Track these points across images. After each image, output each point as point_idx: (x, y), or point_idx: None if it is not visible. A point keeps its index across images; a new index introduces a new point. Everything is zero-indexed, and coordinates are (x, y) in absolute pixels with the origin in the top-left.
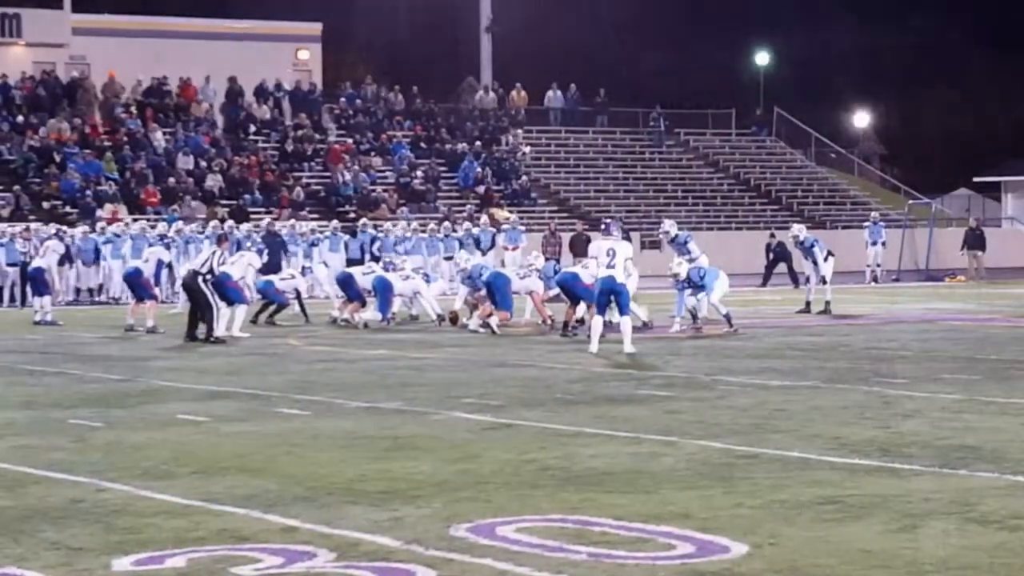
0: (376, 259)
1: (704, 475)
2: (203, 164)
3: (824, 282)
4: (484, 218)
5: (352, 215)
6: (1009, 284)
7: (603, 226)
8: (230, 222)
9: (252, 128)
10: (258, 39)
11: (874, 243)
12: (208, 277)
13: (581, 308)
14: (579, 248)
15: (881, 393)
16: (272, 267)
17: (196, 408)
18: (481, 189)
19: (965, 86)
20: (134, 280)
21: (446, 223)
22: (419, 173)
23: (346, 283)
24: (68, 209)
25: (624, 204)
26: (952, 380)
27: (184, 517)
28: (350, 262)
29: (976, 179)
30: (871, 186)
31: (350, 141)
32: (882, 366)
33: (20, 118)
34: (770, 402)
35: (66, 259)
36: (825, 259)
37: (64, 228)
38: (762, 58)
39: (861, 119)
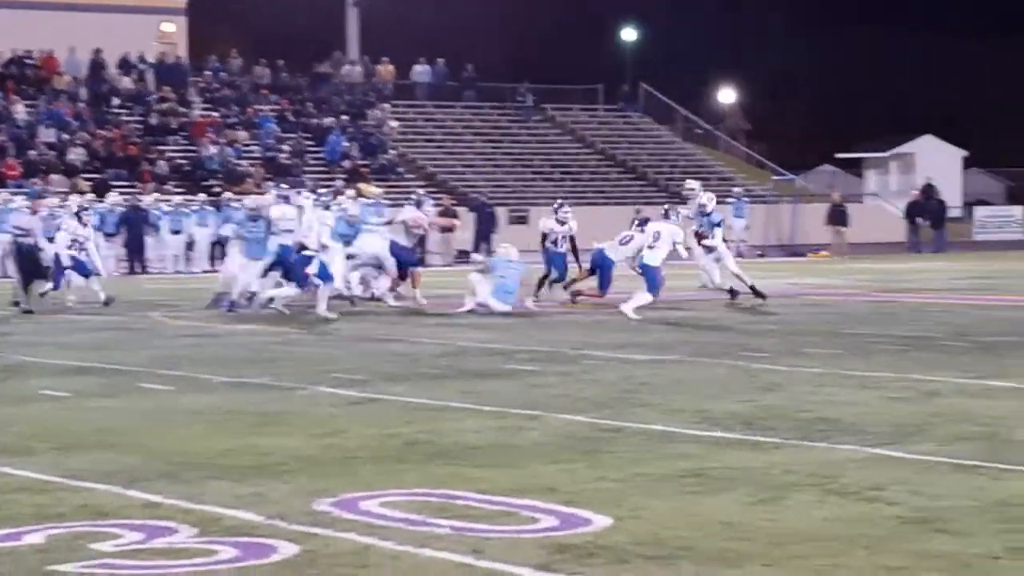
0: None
1: (568, 449)
2: (65, 137)
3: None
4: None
5: (218, 189)
6: (871, 259)
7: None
8: (89, 195)
9: (116, 101)
10: (122, 11)
11: (738, 218)
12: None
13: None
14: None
15: (745, 367)
16: (134, 241)
17: (58, 383)
18: (348, 164)
19: (829, 64)
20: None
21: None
22: (285, 147)
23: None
24: None
25: (491, 179)
26: (814, 354)
27: (44, 493)
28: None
29: (839, 155)
30: (736, 162)
31: (216, 115)
32: (746, 340)
33: None
34: (635, 376)
35: None
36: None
37: None
38: (629, 34)
39: (727, 95)
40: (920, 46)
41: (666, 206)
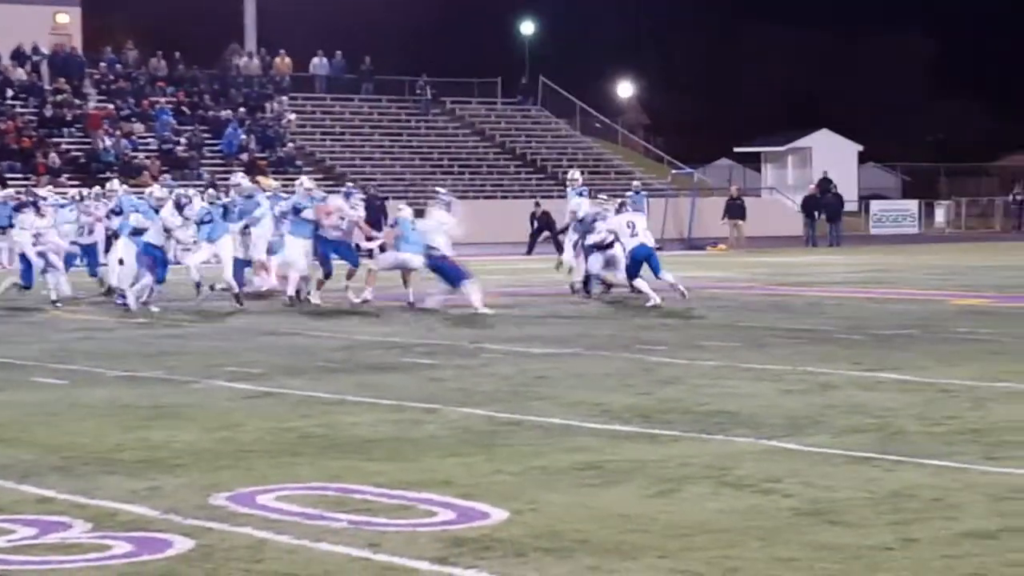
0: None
1: (466, 442)
2: None
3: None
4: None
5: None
6: (768, 252)
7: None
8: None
9: (10, 93)
10: (16, 2)
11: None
12: None
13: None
14: None
15: (642, 360)
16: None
17: None
18: (245, 156)
19: (727, 58)
20: None
21: (210, 191)
22: (183, 140)
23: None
24: None
25: (390, 172)
26: (712, 347)
27: None
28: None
29: (736, 149)
30: (635, 156)
31: (111, 107)
32: (644, 333)
33: None
34: (533, 369)
35: None
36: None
37: None
38: (527, 27)
39: (625, 89)
40: (817, 40)
41: (621, 200)
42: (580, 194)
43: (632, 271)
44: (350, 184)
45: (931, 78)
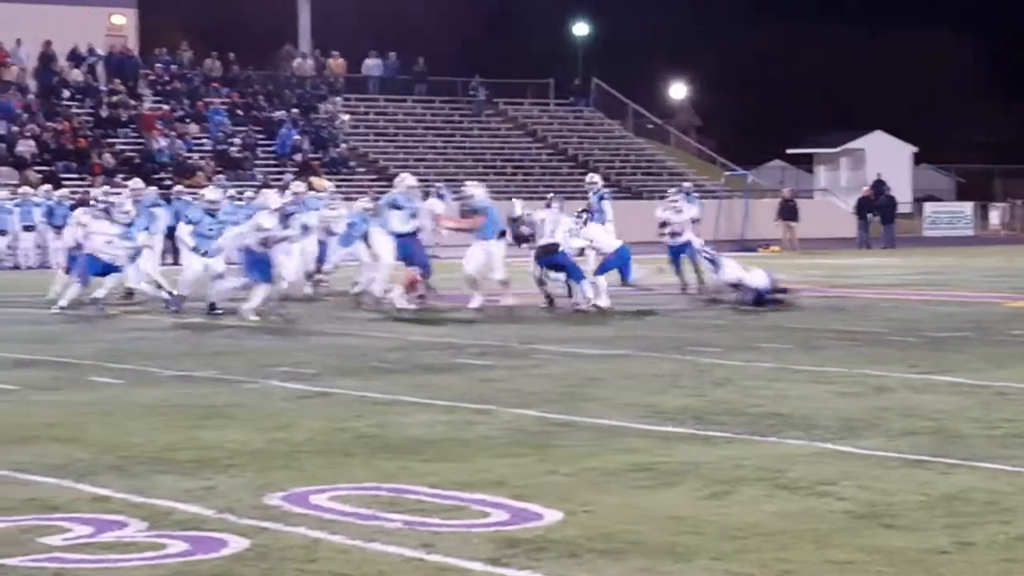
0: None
1: (519, 443)
2: (15, 130)
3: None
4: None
5: (168, 182)
6: (820, 254)
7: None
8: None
9: (66, 93)
10: (72, 3)
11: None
12: None
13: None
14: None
15: (695, 362)
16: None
17: (4, 376)
18: (299, 157)
19: (781, 59)
20: None
21: (264, 190)
22: (236, 140)
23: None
24: None
25: (443, 173)
26: (764, 349)
27: None
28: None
29: (789, 151)
30: (687, 157)
31: (166, 107)
32: (696, 335)
33: None
34: (584, 370)
35: None
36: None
37: None
38: (580, 28)
39: (678, 91)
40: (871, 41)
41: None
42: (602, 198)
43: (608, 268)
44: (439, 184)
45: (986, 78)
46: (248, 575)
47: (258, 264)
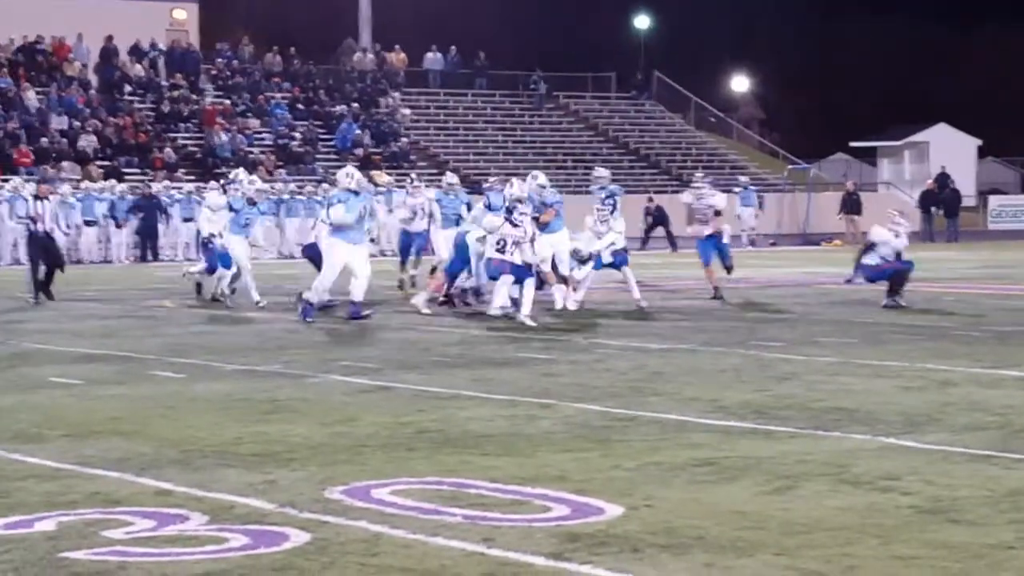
0: None
1: (581, 437)
2: (77, 124)
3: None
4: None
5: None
6: None
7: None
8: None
9: (127, 88)
10: None
11: (746, 207)
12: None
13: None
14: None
15: (758, 356)
16: (148, 229)
17: (69, 371)
18: (360, 151)
19: (844, 52)
20: None
21: (324, 185)
22: (297, 135)
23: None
24: None
25: (503, 167)
26: (828, 343)
27: (55, 480)
28: None
29: (852, 144)
30: (750, 151)
31: (227, 102)
32: (759, 329)
33: None
34: (648, 365)
35: None
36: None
37: None
38: (642, 21)
39: (740, 84)
40: (932, 33)
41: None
42: (611, 195)
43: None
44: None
45: None
46: (309, 569)
47: (220, 254)
